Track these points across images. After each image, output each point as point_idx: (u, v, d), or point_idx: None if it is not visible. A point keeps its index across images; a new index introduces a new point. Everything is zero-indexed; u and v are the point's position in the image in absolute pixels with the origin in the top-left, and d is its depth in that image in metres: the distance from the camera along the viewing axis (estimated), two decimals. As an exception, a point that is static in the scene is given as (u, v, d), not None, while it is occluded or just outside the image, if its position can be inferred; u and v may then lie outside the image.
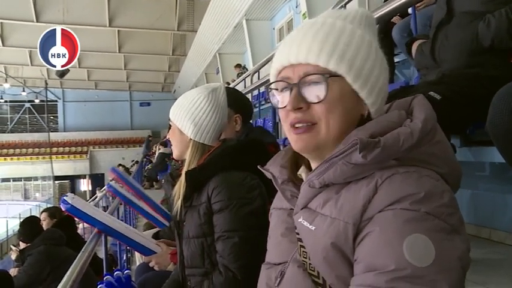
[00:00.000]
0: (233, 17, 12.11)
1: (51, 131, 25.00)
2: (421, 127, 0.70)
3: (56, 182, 24.69)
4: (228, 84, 9.74)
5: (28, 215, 5.54)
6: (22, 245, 3.88)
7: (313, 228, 0.72)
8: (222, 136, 1.53)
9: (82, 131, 25.74)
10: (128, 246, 2.46)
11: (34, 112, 26.51)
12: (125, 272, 1.75)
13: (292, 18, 10.83)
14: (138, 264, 2.34)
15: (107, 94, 25.75)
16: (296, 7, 10.23)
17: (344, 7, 4.93)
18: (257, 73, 7.28)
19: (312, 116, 0.75)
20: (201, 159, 1.43)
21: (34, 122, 26.80)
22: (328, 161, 0.72)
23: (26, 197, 25.29)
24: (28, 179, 25.41)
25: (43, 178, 25.14)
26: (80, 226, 6.15)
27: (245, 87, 7.57)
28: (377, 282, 0.62)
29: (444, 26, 1.76)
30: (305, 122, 0.75)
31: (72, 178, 25.82)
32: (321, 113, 0.74)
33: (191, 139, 1.44)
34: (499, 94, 1.26)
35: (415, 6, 2.74)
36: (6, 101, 26.06)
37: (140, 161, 14.00)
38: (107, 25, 18.20)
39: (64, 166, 24.51)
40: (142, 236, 2.07)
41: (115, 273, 1.80)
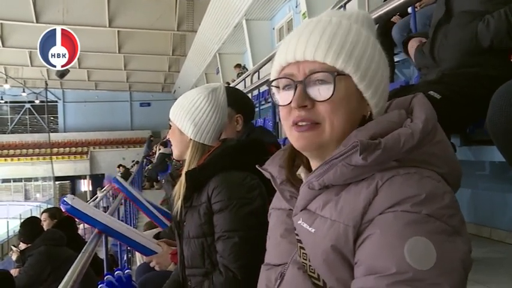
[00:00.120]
0: (233, 17, 12.11)
1: (51, 132, 25.02)
2: (422, 127, 0.69)
3: (57, 183, 24.74)
4: (228, 84, 9.74)
5: (29, 216, 5.54)
6: (22, 246, 3.89)
7: (313, 230, 0.72)
8: (223, 136, 1.53)
9: (82, 132, 25.75)
10: (129, 246, 2.46)
11: (34, 113, 26.51)
12: (126, 272, 1.75)
13: (292, 18, 10.83)
14: (139, 264, 2.34)
15: (107, 94, 25.76)
16: (296, 7, 10.22)
17: (344, 7, 4.92)
18: (257, 73, 7.27)
19: (316, 115, 0.73)
20: (201, 159, 1.43)
21: (34, 123, 26.81)
22: (328, 163, 0.71)
23: (27, 198, 25.31)
24: (28, 180, 25.43)
25: (43, 179, 25.16)
26: (81, 227, 6.15)
27: (245, 87, 7.57)
28: (378, 285, 0.61)
29: (443, 26, 1.76)
30: (308, 121, 0.73)
31: (72, 179, 25.84)
32: (326, 112, 0.73)
33: (191, 139, 1.44)
34: (499, 92, 1.26)
35: (415, 5, 2.75)
36: (6, 102, 26.08)
37: (141, 162, 14.00)
38: (107, 25, 18.21)
39: (64, 167, 24.53)
40: (142, 236, 2.07)
41: (116, 272, 1.80)
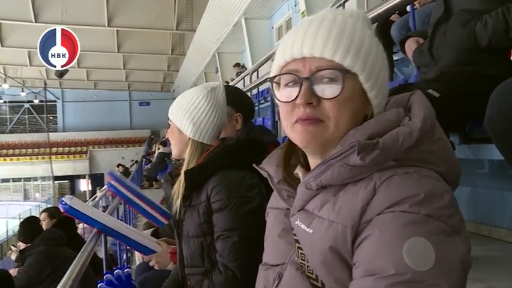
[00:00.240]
0: (232, 16, 12.11)
1: (50, 131, 25.04)
2: (421, 126, 0.68)
3: (56, 182, 24.74)
4: (227, 83, 9.73)
5: (28, 216, 5.53)
6: (22, 245, 3.88)
7: (310, 231, 0.71)
8: (222, 135, 1.53)
9: (81, 131, 25.74)
10: (128, 245, 2.46)
11: (33, 112, 26.50)
12: (125, 271, 1.75)
13: (291, 17, 10.82)
14: (138, 263, 2.34)
15: (106, 94, 25.75)
16: (295, 6, 10.22)
17: (342, 5, 4.92)
18: (256, 72, 7.26)
19: (322, 113, 0.72)
20: (200, 158, 1.43)
21: (33, 123, 26.80)
22: (325, 163, 0.71)
23: (26, 198, 25.30)
24: (28, 180, 25.43)
25: (43, 178, 25.16)
26: (80, 226, 6.15)
27: (244, 86, 7.56)
28: (376, 286, 0.61)
29: (442, 24, 1.76)
30: (313, 119, 0.72)
31: (71, 178, 25.86)
32: (332, 110, 0.71)
33: (190, 138, 1.44)
34: (498, 91, 1.26)
35: (413, 4, 2.75)
36: (5, 102, 26.07)
37: (140, 161, 14.00)
38: (106, 25, 18.20)
39: (63, 166, 24.53)
40: (142, 235, 2.06)
41: (115, 271, 1.80)
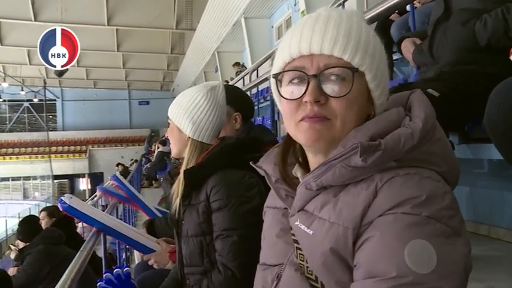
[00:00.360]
0: (232, 15, 12.10)
1: (50, 130, 25.01)
2: (422, 127, 0.68)
3: (55, 181, 24.71)
4: (227, 82, 9.73)
5: (27, 214, 5.54)
6: (21, 244, 3.88)
7: (311, 232, 0.70)
8: (221, 134, 1.53)
9: (81, 130, 25.72)
10: (127, 244, 2.46)
11: (33, 111, 26.47)
12: (125, 270, 1.75)
13: (290, 16, 10.82)
14: (137, 262, 2.34)
15: (106, 93, 25.73)
16: (295, 5, 10.22)
17: (342, 5, 4.92)
18: (256, 71, 7.26)
19: (328, 111, 0.71)
20: (200, 157, 1.43)
21: (33, 121, 26.78)
22: (326, 164, 0.70)
23: (25, 196, 25.28)
24: (27, 178, 25.41)
25: (42, 177, 25.13)
26: (80, 225, 6.14)
27: (244, 85, 7.55)
28: None
29: (442, 24, 1.76)
30: (320, 117, 0.71)
31: (71, 177, 25.83)
32: (339, 109, 0.71)
33: (189, 137, 1.44)
34: (497, 90, 1.26)
35: (413, 3, 2.75)
36: (4, 100, 26.03)
37: (139, 160, 14.00)
38: (106, 24, 18.19)
39: (63, 165, 24.51)
40: (141, 235, 2.07)
41: (114, 270, 1.80)
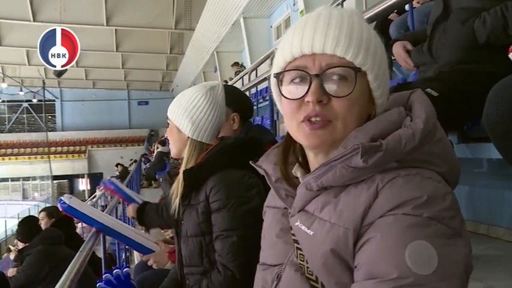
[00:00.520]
0: (231, 15, 12.10)
1: (49, 131, 24.97)
2: (423, 127, 0.68)
3: (55, 182, 24.67)
4: (226, 82, 9.73)
5: (26, 215, 5.53)
6: (20, 245, 3.88)
7: (311, 233, 0.70)
8: (220, 134, 1.53)
9: (80, 131, 25.66)
10: (126, 245, 2.46)
11: (32, 112, 26.42)
12: (124, 270, 1.75)
13: (289, 16, 10.82)
14: (137, 262, 2.34)
15: (105, 93, 25.69)
16: (293, 5, 10.23)
17: (341, 4, 4.92)
18: (255, 71, 7.27)
19: (330, 111, 0.70)
20: (199, 157, 1.43)
21: (32, 122, 26.73)
22: (327, 164, 0.70)
23: (25, 197, 25.25)
24: (26, 179, 25.37)
25: (41, 178, 25.09)
26: (79, 225, 6.15)
27: (243, 85, 7.56)
28: None
29: (441, 23, 1.76)
30: (322, 117, 0.70)
31: (70, 177, 25.79)
32: (341, 109, 0.70)
33: (189, 137, 1.43)
34: (495, 90, 1.26)
35: (412, 3, 2.75)
36: (3, 101, 25.96)
37: (139, 160, 14.00)
38: (104, 24, 18.14)
39: (62, 165, 24.47)
40: (140, 235, 2.07)
41: (114, 271, 1.80)
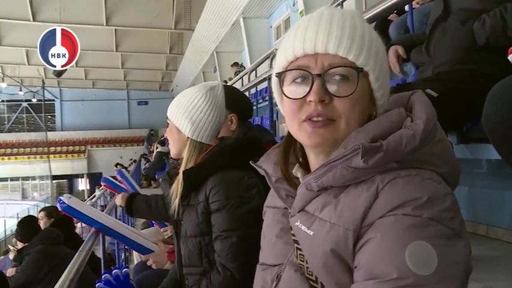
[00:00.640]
0: (230, 15, 12.10)
1: (48, 131, 24.97)
2: (423, 128, 0.68)
3: (54, 182, 24.65)
4: (226, 82, 9.73)
5: (26, 215, 5.53)
6: (20, 245, 3.88)
7: (311, 233, 0.70)
8: (220, 134, 1.53)
9: (79, 130, 25.66)
10: (126, 245, 2.46)
11: (31, 111, 26.41)
12: (123, 270, 1.75)
13: (289, 16, 10.83)
14: (136, 263, 2.34)
15: (105, 93, 25.68)
16: (293, 5, 10.24)
17: (341, 5, 4.92)
18: (254, 71, 7.27)
19: (332, 111, 0.71)
20: (199, 157, 1.43)
21: (31, 122, 26.71)
22: (327, 165, 0.70)
23: (24, 197, 25.23)
24: (26, 179, 25.35)
25: (41, 177, 25.07)
26: (78, 225, 6.14)
27: (242, 85, 7.56)
28: None
29: (441, 23, 1.76)
30: (324, 116, 0.70)
31: (70, 177, 25.77)
32: (343, 109, 0.70)
33: (189, 138, 1.43)
34: (494, 90, 1.27)
35: (411, 3, 2.75)
36: (3, 101, 25.95)
37: (138, 160, 14.01)
38: (104, 24, 18.14)
39: (62, 165, 24.46)
40: (139, 235, 2.07)
41: (113, 271, 1.80)
